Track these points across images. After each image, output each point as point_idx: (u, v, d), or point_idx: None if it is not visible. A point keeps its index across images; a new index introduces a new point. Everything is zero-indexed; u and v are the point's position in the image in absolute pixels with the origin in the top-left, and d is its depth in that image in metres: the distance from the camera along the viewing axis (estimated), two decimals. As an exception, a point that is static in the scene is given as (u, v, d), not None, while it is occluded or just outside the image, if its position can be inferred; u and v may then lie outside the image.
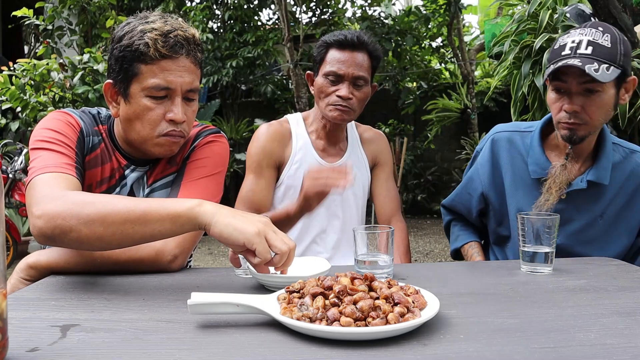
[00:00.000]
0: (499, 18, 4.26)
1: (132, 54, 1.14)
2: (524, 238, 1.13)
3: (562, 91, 1.33)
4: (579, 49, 1.27)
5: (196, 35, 1.20)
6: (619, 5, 2.57)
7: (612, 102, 1.32)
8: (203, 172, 1.27)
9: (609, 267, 1.17)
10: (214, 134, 1.34)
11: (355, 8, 8.62)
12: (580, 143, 1.36)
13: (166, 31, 1.14)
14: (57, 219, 0.95)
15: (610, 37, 1.28)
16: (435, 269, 1.20)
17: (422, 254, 5.24)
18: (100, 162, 1.25)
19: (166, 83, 1.15)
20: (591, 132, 1.35)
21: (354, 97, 1.63)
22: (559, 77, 1.31)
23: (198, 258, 5.26)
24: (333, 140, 1.76)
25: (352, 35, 1.62)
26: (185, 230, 0.97)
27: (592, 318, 0.82)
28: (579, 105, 1.30)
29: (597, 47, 1.27)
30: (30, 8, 4.95)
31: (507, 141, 1.50)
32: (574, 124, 1.32)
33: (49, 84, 4.13)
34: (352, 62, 1.62)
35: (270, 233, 0.92)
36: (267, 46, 7.64)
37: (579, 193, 1.41)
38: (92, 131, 1.26)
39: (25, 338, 0.73)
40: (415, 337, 0.73)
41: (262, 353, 0.69)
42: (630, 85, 1.35)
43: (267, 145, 1.69)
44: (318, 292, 0.78)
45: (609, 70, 1.25)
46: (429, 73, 8.11)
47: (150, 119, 1.18)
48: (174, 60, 1.15)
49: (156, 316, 0.83)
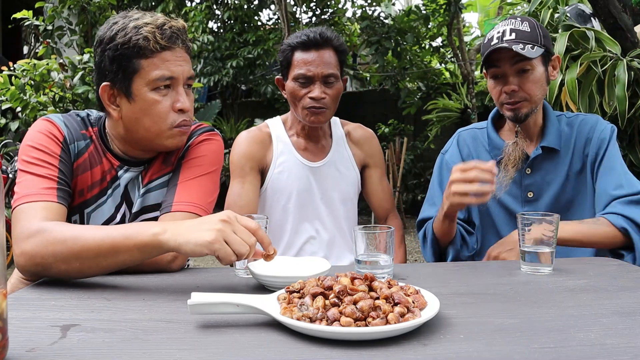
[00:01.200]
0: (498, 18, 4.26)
1: (131, 50, 1.14)
2: (524, 238, 1.13)
3: (499, 76, 1.48)
4: (505, 37, 1.44)
5: (185, 26, 1.23)
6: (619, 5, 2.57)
7: (544, 78, 1.48)
8: (199, 170, 1.27)
9: (609, 267, 1.17)
10: (207, 132, 1.34)
11: (355, 8, 8.62)
12: (525, 120, 1.50)
13: (160, 24, 1.17)
14: (36, 258, 1.00)
15: (529, 23, 1.46)
16: (435, 269, 1.20)
17: (421, 254, 5.23)
18: (89, 165, 1.24)
19: (170, 73, 1.17)
20: (533, 109, 1.49)
21: (327, 96, 1.63)
22: (494, 64, 1.47)
23: (198, 258, 5.26)
24: (314, 138, 1.76)
25: (314, 34, 1.62)
26: (155, 256, 1.01)
27: (592, 318, 0.82)
28: (516, 84, 1.45)
29: (519, 33, 1.43)
30: (31, 8, 4.96)
31: (471, 138, 1.65)
32: (515, 103, 1.46)
33: (49, 84, 4.13)
34: (319, 61, 1.61)
35: (230, 235, 0.92)
36: (267, 46, 7.64)
37: (540, 164, 1.52)
38: (79, 135, 1.25)
39: (25, 338, 0.73)
40: (415, 337, 0.73)
41: (262, 353, 0.69)
42: (555, 62, 1.53)
43: (248, 149, 1.70)
44: (318, 292, 0.78)
45: (533, 49, 1.41)
46: (429, 73, 8.10)
47: (159, 112, 1.18)
48: (172, 50, 1.17)
49: (156, 316, 0.83)
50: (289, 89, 1.67)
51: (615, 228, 1.33)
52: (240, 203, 1.66)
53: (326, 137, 1.78)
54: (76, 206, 1.25)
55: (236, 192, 1.68)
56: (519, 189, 1.54)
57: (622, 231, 1.33)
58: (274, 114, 1.87)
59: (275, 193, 1.71)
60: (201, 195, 1.24)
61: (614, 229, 1.33)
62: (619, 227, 1.33)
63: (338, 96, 1.67)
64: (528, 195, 1.53)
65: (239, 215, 0.95)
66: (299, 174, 1.71)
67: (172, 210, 1.19)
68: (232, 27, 8.11)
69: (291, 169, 1.71)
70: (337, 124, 1.83)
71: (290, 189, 1.70)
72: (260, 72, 8.18)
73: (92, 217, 1.25)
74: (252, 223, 0.95)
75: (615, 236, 1.33)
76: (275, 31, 8.10)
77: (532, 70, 1.45)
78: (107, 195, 1.26)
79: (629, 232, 1.32)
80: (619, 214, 1.35)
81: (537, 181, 1.53)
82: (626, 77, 2.28)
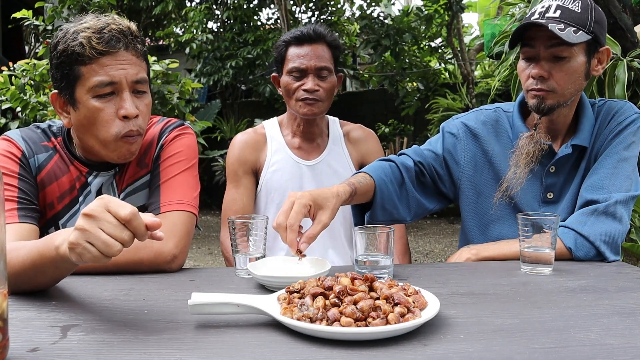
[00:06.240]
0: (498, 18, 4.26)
1: (69, 57, 1.12)
2: (524, 238, 1.12)
3: (531, 59, 1.28)
4: (547, 13, 1.24)
5: (132, 27, 1.17)
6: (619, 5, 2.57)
7: (583, 71, 1.27)
8: (178, 167, 1.26)
9: (609, 267, 1.17)
10: (178, 127, 1.32)
11: (355, 8, 8.63)
12: (548, 113, 1.30)
13: (99, 28, 1.12)
14: None
15: (582, 3, 1.25)
16: (435, 269, 1.20)
17: (422, 254, 5.23)
18: (54, 177, 1.23)
19: (109, 78, 1.12)
20: (561, 103, 1.29)
21: (321, 88, 1.65)
22: (527, 42, 1.27)
23: (198, 258, 5.26)
24: (309, 137, 1.77)
25: (308, 30, 1.66)
26: (72, 268, 0.90)
27: (592, 318, 0.82)
28: (546, 71, 1.25)
29: (565, 11, 1.23)
30: (31, 8, 4.95)
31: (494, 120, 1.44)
32: (541, 90, 1.27)
33: (49, 84, 4.13)
34: (312, 54, 1.65)
35: (94, 234, 0.77)
36: (266, 46, 7.64)
37: (567, 163, 1.35)
38: (39, 148, 1.23)
39: (25, 338, 0.73)
40: (415, 337, 0.73)
41: (262, 353, 0.69)
42: (603, 55, 1.30)
43: (241, 153, 1.74)
44: (318, 292, 0.78)
45: (577, 33, 1.21)
46: (428, 73, 8.10)
47: (103, 120, 1.14)
48: (113, 55, 1.12)
49: (156, 316, 0.83)
50: (283, 83, 1.69)
51: (563, 245, 1.22)
52: (235, 207, 1.70)
53: (322, 136, 1.79)
54: (50, 219, 1.24)
55: (231, 196, 1.73)
56: (539, 187, 1.36)
57: (568, 249, 1.22)
58: (274, 114, 1.88)
59: (270, 192, 1.72)
60: (186, 191, 1.23)
61: (561, 245, 1.22)
62: (566, 246, 1.22)
63: (332, 90, 1.69)
64: (547, 196, 1.36)
65: (111, 202, 0.78)
66: (293, 172, 1.72)
67: (161, 211, 1.19)
68: (232, 27, 8.12)
69: (284, 168, 1.72)
70: (335, 124, 1.83)
71: (284, 187, 1.71)
72: (260, 72, 8.18)
73: (67, 227, 1.23)
74: (124, 211, 0.77)
75: (562, 253, 1.21)
76: (275, 31, 8.09)
77: (570, 59, 1.24)
78: (79, 203, 1.25)
79: (572, 252, 1.21)
80: (571, 228, 1.23)
81: (561, 181, 1.35)
82: (626, 77, 2.28)
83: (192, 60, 8.34)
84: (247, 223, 1.12)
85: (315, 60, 1.64)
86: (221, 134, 8.14)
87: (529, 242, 1.12)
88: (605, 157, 1.30)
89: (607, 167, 1.28)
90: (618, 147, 1.30)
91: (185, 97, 4.37)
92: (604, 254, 1.21)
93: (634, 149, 1.30)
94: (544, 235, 1.10)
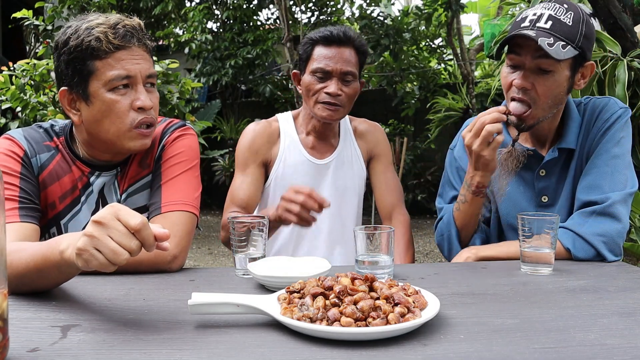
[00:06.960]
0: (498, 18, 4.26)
1: (84, 52, 1.13)
2: (524, 238, 1.13)
3: (517, 67, 1.26)
4: (539, 22, 1.22)
5: (141, 24, 1.20)
6: (619, 5, 2.57)
7: (566, 86, 1.26)
8: (180, 168, 1.26)
9: (609, 267, 1.17)
10: (180, 127, 1.33)
11: (354, 8, 8.63)
12: (528, 131, 1.31)
13: (113, 23, 1.15)
14: None
15: (574, 15, 1.23)
16: (436, 269, 1.20)
17: (422, 254, 5.23)
18: (56, 176, 1.23)
19: (126, 72, 1.14)
20: (540, 119, 1.28)
21: (343, 93, 1.61)
22: (514, 49, 1.26)
23: (198, 258, 5.26)
24: (323, 137, 1.74)
25: (338, 31, 1.61)
26: (75, 273, 0.90)
27: (592, 318, 0.82)
28: (530, 82, 1.24)
29: (556, 23, 1.21)
30: (31, 8, 4.95)
31: None
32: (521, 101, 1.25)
33: (49, 84, 4.13)
34: (339, 57, 1.60)
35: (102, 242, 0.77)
36: (266, 46, 7.65)
37: (556, 166, 1.35)
38: (41, 148, 1.23)
39: (26, 338, 0.74)
40: (415, 337, 0.73)
41: (262, 353, 0.69)
42: (587, 70, 1.29)
43: (254, 142, 1.70)
44: (318, 292, 0.78)
45: (564, 49, 1.19)
46: (427, 73, 8.10)
47: (118, 112, 1.16)
48: (128, 49, 1.15)
49: (156, 316, 0.84)
50: (305, 82, 1.65)
51: (561, 245, 1.23)
52: (241, 195, 1.66)
53: (335, 135, 1.77)
54: (51, 219, 1.24)
55: (237, 184, 1.68)
56: (532, 192, 1.39)
57: (566, 250, 1.23)
58: (274, 113, 1.86)
59: (280, 189, 1.69)
60: (187, 192, 1.23)
61: (560, 246, 1.23)
62: (564, 247, 1.23)
63: (354, 96, 1.66)
64: (542, 200, 1.37)
65: (121, 211, 0.79)
66: (305, 171, 1.70)
67: (162, 211, 1.19)
68: (232, 27, 8.12)
69: (297, 167, 1.70)
70: (346, 120, 1.81)
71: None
72: (259, 72, 8.18)
73: (69, 227, 1.25)
74: (134, 220, 0.77)
75: (561, 254, 1.23)
76: (274, 31, 8.09)
77: (555, 73, 1.23)
78: (81, 204, 1.25)
79: (571, 253, 1.23)
80: (570, 229, 1.24)
81: (553, 184, 1.37)
82: (626, 77, 2.28)
83: (192, 60, 8.34)
84: (247, 223, 1.12)
85: (342, 64, 1.59)
86: (221, 134, 8.14)
87: (529, 242, 1.12)
88: (596, 156, 1.29)
89: (600, 167, 1.28)
90: (608, 144, 1.29)
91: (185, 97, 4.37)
92: (602, 254, 1.21)
93: (624, 144, 1.30)
94: (544, 235, 1.11)
